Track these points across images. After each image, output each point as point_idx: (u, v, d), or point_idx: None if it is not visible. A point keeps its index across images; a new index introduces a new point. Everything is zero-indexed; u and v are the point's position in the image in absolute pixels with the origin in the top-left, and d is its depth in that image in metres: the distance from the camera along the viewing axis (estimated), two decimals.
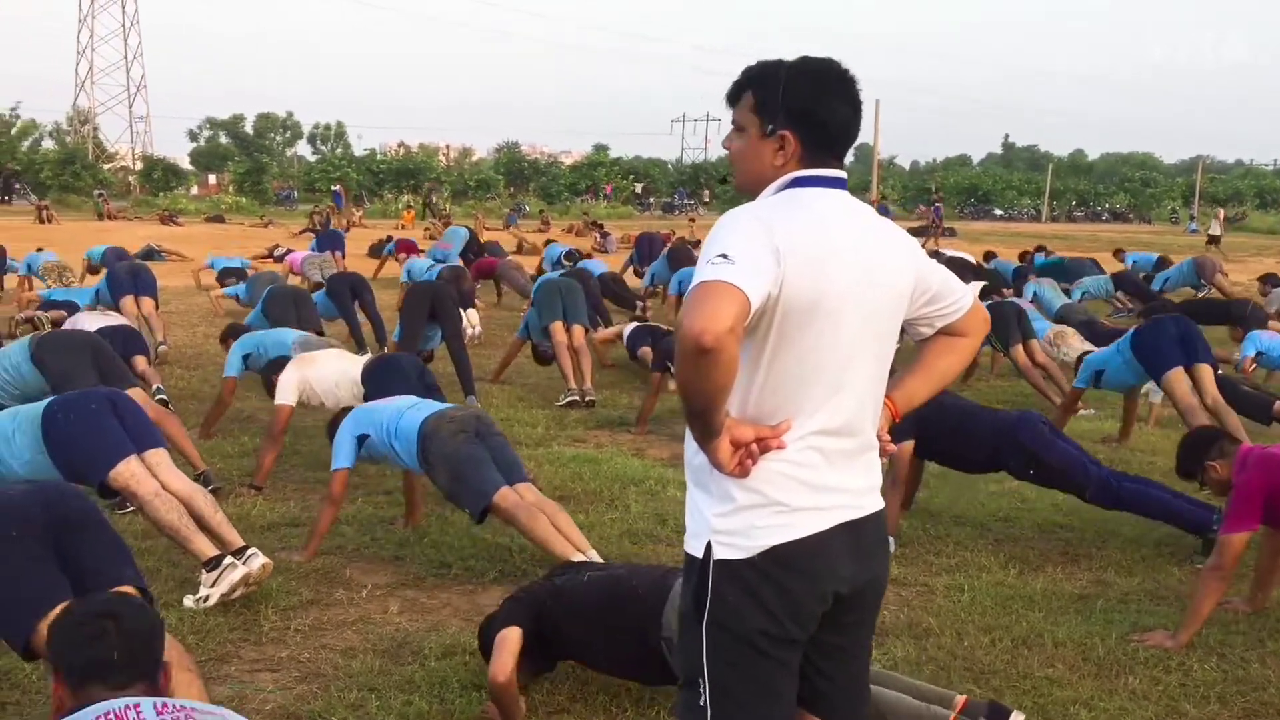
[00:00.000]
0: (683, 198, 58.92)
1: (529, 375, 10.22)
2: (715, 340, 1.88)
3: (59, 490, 3.51)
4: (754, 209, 2.14)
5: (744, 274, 1.96)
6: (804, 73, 2.20)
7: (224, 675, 4.00)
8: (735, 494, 2.13)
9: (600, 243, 27.52)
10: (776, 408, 2.13)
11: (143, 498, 4.55)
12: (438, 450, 4.95)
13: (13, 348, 6.45)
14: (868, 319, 2.18)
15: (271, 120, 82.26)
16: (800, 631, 2.18)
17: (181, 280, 17.11)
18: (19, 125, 57.17)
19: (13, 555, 3.17)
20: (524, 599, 3.81)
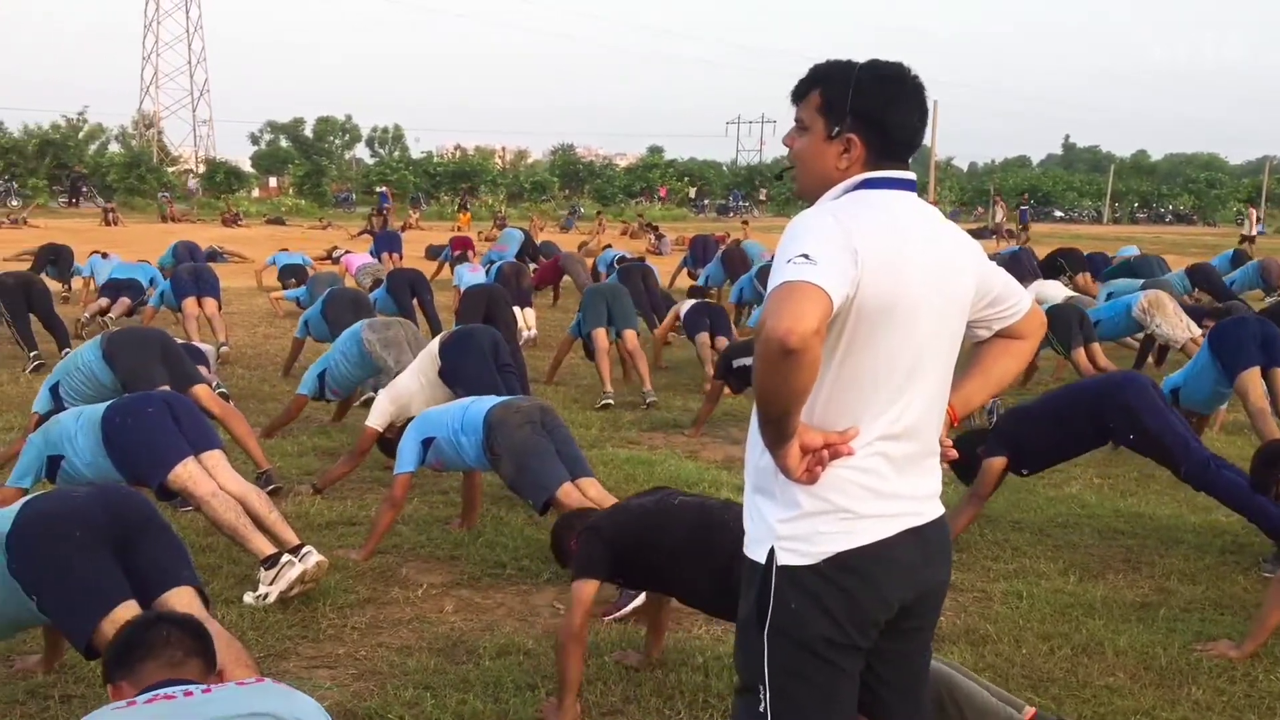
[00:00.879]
0: (737, 200, 58.81)
1: (583, 376, 10.26)
2: (801, 341, 1.86)
3: (120, 493, 3.58)
4: (829, 210, 2.12)
5: (826, 274, 1.94)
6: (874, 76, 2.18)
7: (282, 671, 4.05)
8: (801, 500, 2.12)
9: (655, 245, 27.55)
10: (844, 412, 2.12)
11: (200, 498, 4.63)
12: (503, 440, 4.98)
13: (84, 348, 6.59)
14: (938, 322, 2.16)
15: (331, 123, 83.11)
16: (863, 638, 2.17)
17: (243, 281, 17.38)
18: (87, 129, 58.27)
19: (76, 556, 3.23)
20: (605, 531, 3.74)
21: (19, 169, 48.21)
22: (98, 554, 3.26)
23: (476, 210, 44.11)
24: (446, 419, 5.25)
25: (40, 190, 45.68)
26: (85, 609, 3.17)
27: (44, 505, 3.39)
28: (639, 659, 4.08)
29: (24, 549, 3.25)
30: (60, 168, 48.49)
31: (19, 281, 10.47)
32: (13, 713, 3.66)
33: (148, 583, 3.30)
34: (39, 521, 3.30)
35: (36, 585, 3.24)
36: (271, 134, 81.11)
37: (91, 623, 3.14)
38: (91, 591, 3.20)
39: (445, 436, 5.21)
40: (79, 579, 3.22)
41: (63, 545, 3.24)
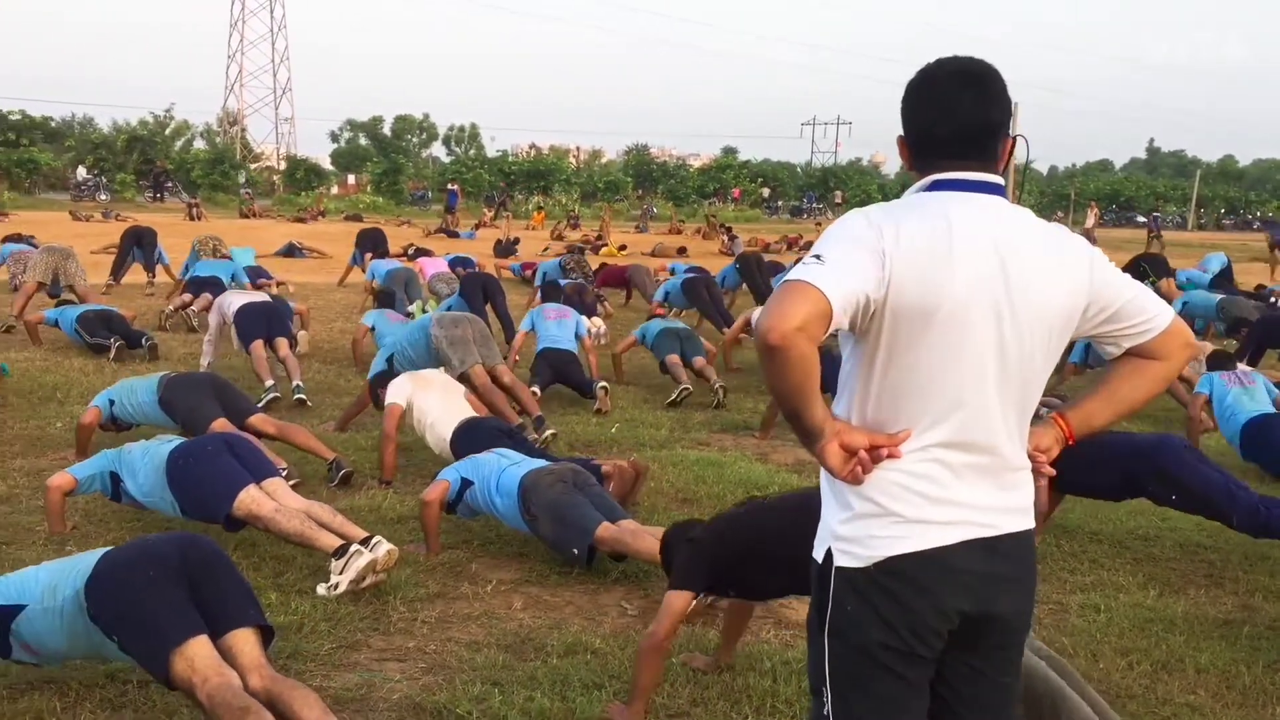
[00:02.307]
0: (811, 201, 58.38)
1: (653, 377, 10.25)
2: (781, 338, 1.89)
3: (192, 538, 3.74)
4: (868, 210, 2.11)
5: (829, 275, 1.94)
6: (920, 77, 2.19)
7: (353, 663, 4.10)
8: (852, 502, 2.11)
9: (727, 245, 27.47)
10: (894, 416, 2.09)
11: (265, 516, 4.80)
12: (539, 500, 5.06)
13: (141, 388, 6.72)
14: (1003, 331, 2.07)
15: (409, 122, 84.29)
16: (923, 647, 2.11)
17: (322, 277, 17.64)
18: (173, 126, 59.67)
19: (149, 594, 3.39)
20: (704, 543, 3.75)
21: (108, 164, 49.47)
22: (170, 591, 3.41)
23: (550, 209, 44.31)
24: (485, 473, 5.35)
25: (128, 185, 46.87)
26: (160, 644, 3.31)
27: (120, 554, 3.58)
28: (707, 663, 4.06)
29: (101, 594, 3.43)
30: (147, 163, 49.68)
31: (100, 315, 10.65)
32: (92, 696, 3.75)
33: (216, 621, 3.43)
34: (114, 568, 3.49)
35: (115, 627, 3.41)
36: (351, 132, 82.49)
37: (167, 657, 3.28)
38: (164, 627, 3.34)
39: (481, 489, 5.31)
40: (152, 616, 3.36)
41: (137, 586, 3.40)
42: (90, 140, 54.15)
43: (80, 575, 3.49)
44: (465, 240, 28.46)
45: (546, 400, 8.80)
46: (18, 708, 3.62)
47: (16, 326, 11.63)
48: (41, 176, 46.71)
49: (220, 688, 3.20)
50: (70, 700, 3.70)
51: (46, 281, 12.16)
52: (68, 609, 3.47)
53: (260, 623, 3.56)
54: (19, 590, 3.59)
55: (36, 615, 3.52)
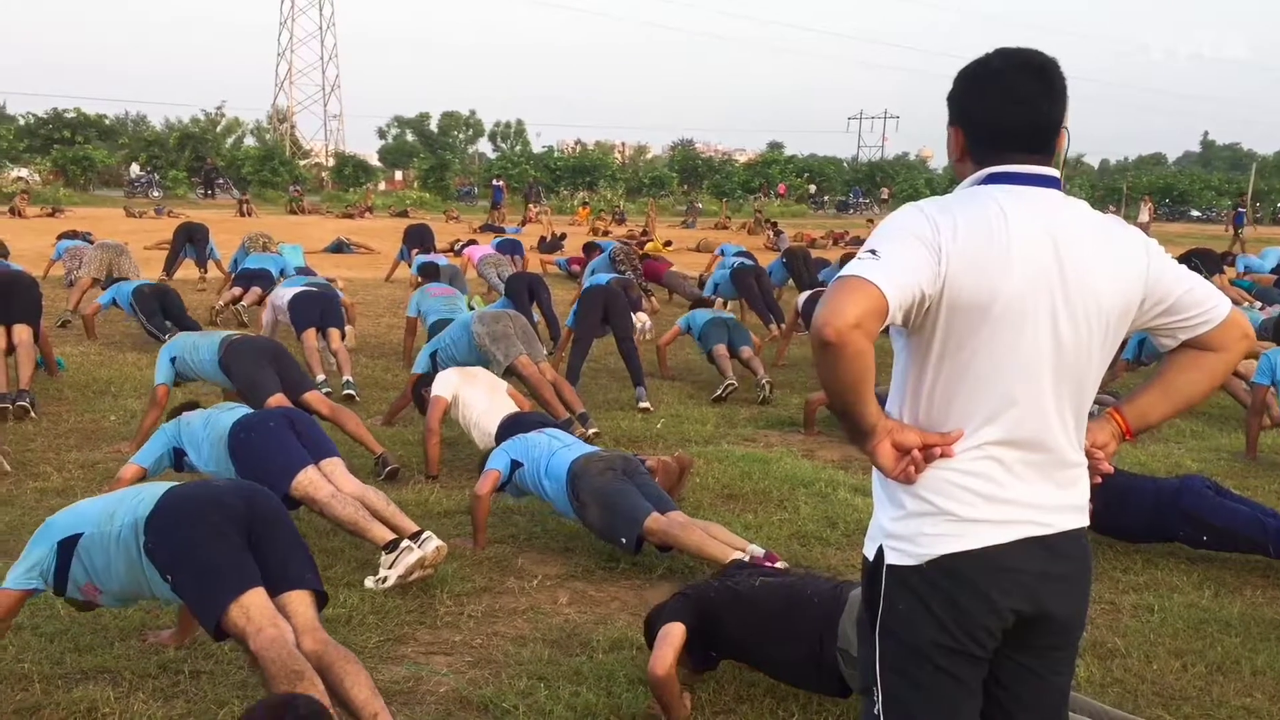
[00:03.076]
0: (858, 196, 58.01)
1: (699, 372, 10.24)
2: (836, 334, 1.87)
3: (257, 489, 3.70)
4: (923, 204, 2.07)
5: (884, 271, 1.92)
6: (976, 68, 2.15)
7: (400, 656, 4.13)
8: (904, 500, 2.08)
9: (773, 241, 27.36)
10: (948, 414, 2.06)
11: (321, 501, 4.81)
12: (587, 486, 5.05)
13: (204, 346, 6.84)
14: (1059, 325, 2.04)
15: (455, 118, 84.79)
16: (976, 646, 2.08)
17: (369, 272, 17.79)
18: (224, 123, 60.46)
19: (211, 539, 3.35)
20: (692, 596, 3.80)
21: (160, 161, 50.21)
22: (232, 540, 3.37)
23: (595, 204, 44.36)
24: (535, 455, 5.35)
25: (179, 182, 47.54)
26: (217, 591, 3.27)
27: (185, 491, 3.52)
28: None
29: (163, 530, 3.37)
30: (198, 160, 50.37)
31: (155, 291, 10.84)
32: (145, 686, 3.80)
33: (272, 579, 3.39)
34: (179, 505, 3.43)
35: (172, 565, 3.36)
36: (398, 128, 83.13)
37: (222, 605, 3.23)
38: (223, 575, 3.30)
39: (530, 470, 5.32)
40: (212, 562, 3.32)
41: (199, 528, 3.36)
42: (144, 138, 54.97)
43: (143, 505, 3.45)
44: (511, 235, 28.56)
45: (590, 397, 8.82)
46: (72, 697, 3.67)
47: (72, 321, 11.84)
48: (96, 173, 47.48)
49: (274, 641, 3.17)
50: (124, 690, 3.75)
51: (101, 277, 12.36)
52: (125, 537, 3.42)
53: (316, 587, 3.54)
54: (75, 519, 3.56)
55: (93, 543, 3.47)
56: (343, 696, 3.21)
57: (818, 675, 3.52)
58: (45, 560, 3.52)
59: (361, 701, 3.21)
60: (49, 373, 8.86)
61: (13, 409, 7.52)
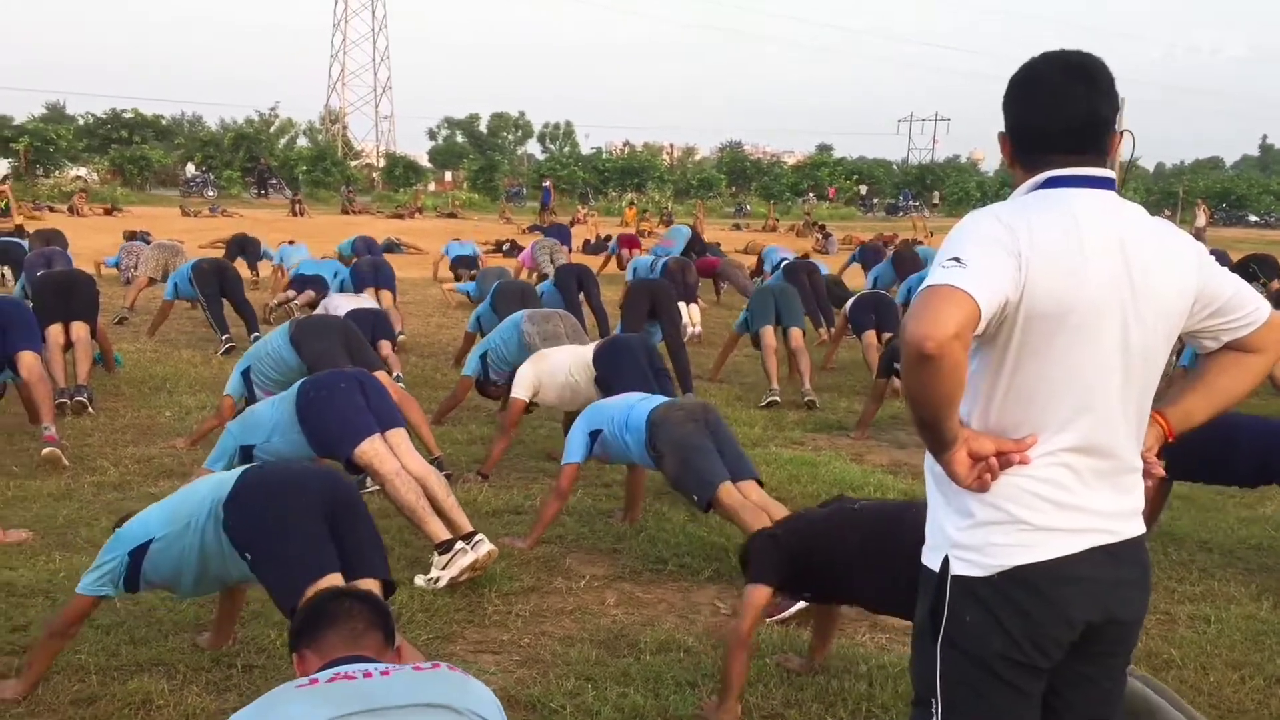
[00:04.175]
0: (908, 199, 57.60)
1: (747, 374, 10.21)
2: (937, 347, 1.82)
3: (335, 476, 3.74)
4: (996, 209, 2.04)
5: (974, 279, 1.88)
6: (1024, 71, 2.13)
7: (449, 654, 4.15)
8: (974, 509, 2.05)
9: (821, 244, 27.25)
10: (1020, 421, 2.03)
11: (384, 476, 4.79)
12: (666, 436, 4.99)
13: (273, 334, 6.93)
14: (1129, 330, 2.03)
15: (505, 120, 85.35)
16: (1043, 659, 2.06)
17: (419, 272, 17.94)
18: (278, 124, 61.30)
19: (292, 521, 3.39)
20: (782, 539, 3.72)
21: (215, 161, 50.93)
22: (312, 523, 3.41)
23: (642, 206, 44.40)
24: (613, 414, 5.30)
25: (234, 181, 48.22)
26: (297, 573, 3.31)
27: (265, 470, 3.59)
28: (801, 664, 4.03)
29: (244, 509, 3.42)
30: (252, 160, 51.05)
31: (214, 267, 11.06)
32: (199, 679, 3.85)
33: (348, 566, 3.42)
34: (261, 484, 3.49)
35: (251, 545, 3.40)
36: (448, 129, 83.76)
37: (301, 588, 3.26)
38: (303, 557, 3.34)
39: (611, 431, 5.26)
40: (293, 544, 3.37)
41: (281, 509, 3.41)
42: (199, 138, 55.78)
43: (223, 486, 3.48)
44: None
45: None
46: (128, 689, 3.73)
47: (129, 318, 12.04)
48: (153, 173, 48.27)
49: None
50: (178, 683, 3.80)
51: (157, 277, 12.59)
52: (201, 522, 3.45)
53: (386, 577, 3.57)
54: (144, 528, 3.60)
55: (164, 545, 3.51)
56: None
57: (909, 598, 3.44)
58: (116, 570, 3.59)
59: None
60: (106, 369, 9.02)
61: (71, 404, 7.66)
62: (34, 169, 43.50)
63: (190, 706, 3.63)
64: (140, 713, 3.60)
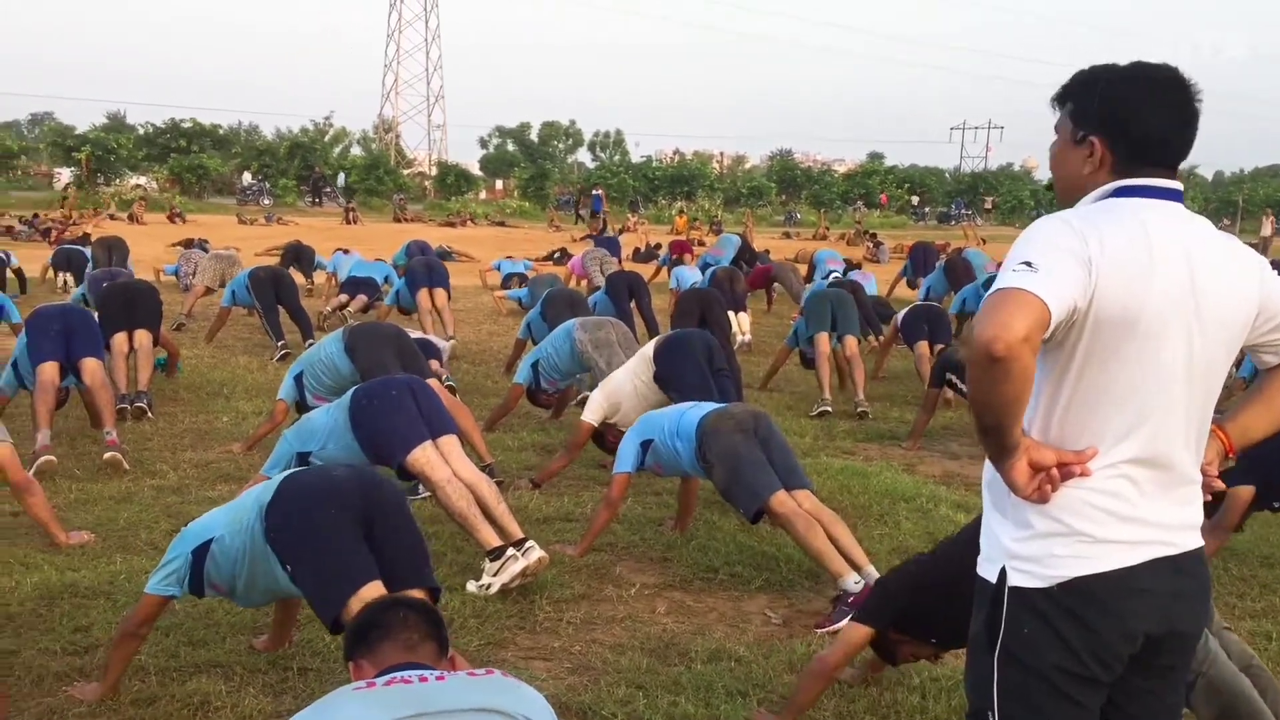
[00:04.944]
0: (960, 208, 57.13)
1: (798, 383, 10.17)
2: (1007, 349, 1.81)
3: (375, 478, 3.72)
4: (1067, 216, 2.03)
5: (1045, 283, 1.87)
6: (1125, 79, 2.09)
7: (500, 660, 4.17)
8: (1033, 520, 2.03)
9: (872, 252, 27.09)
10: (1082, 430, 2.02)
11: (436, 482, 4.83)
12: (716, 446, 4.97)
13: (327, 340, 7.03)
14: (1192, 341, 2.02)
15: (555, 128, 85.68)
16: (1104, 672, 2.04)
17: (470, 280, 18.07)
18: (332, 133, 62.01)
19: (331, 533, 3.39)
20: (891, 585, 3.67)
21: (271, 170, 51.66)
22: (350, 533, 3.41)
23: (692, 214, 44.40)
24: (664, 422, 5.30)
25: (289, 190, 48.86)
26: (336, 585, 3.32)
27: (304, 479, 3.58)
28: (854, 675, 4.00)
29: (283, 520, 3.44)
30: (307, 169, 51.69)
31: (270, 275, 11.24)
32: (255, 680, 3.90)
33: (388, 574, 3.42)
34: (298, 494, 3.49)
35: (291, 557, 3.42)
36: (499, 138, 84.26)
37: (342, 599, 3.28)
38: (342, 569, 3.35)
39: (662, 440, 5.26)
40: (332, 556, 3.37)
41: (318, 521, 3.41)
42: (255, 147, 56.61)
43: (266, 493, 3.51)
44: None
45: None
46: (186, 689, 3.79)
47: (187, 325, 12.25)
48: (210, 181, 49.05)
49: None
50: (235, 684, 3.86)
51: (214, 286, 12.81)
52: (251, 527, 3.48)
53: (432, 584, 3.56)
54: (206, 527, 3.66)
55: (223, 546, 3.54)
56: None
57: None
58: (181, 569, 3.64)
59: None
60: (167, 374, 9.19)
61: (131, 409, 7.81)
62: (95, 177, 44.38)
63: (247, 708, 3.68)
64: (198, 714, 3.66)
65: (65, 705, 3.67)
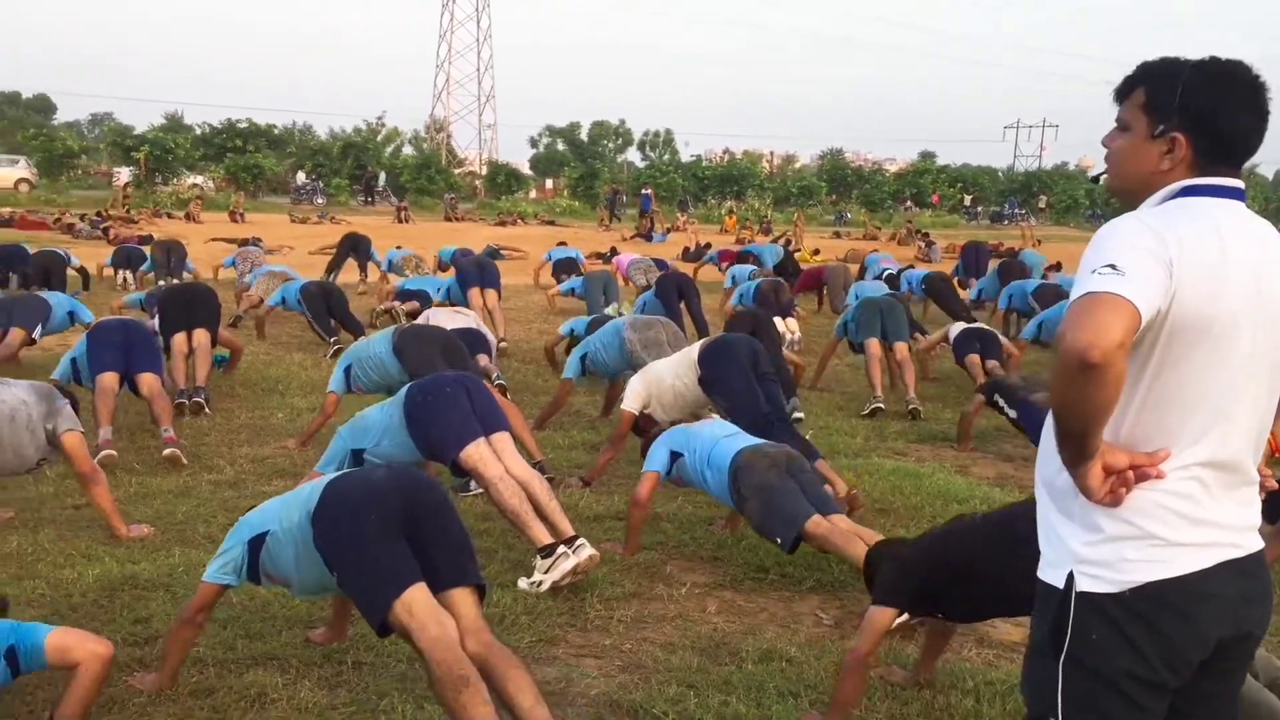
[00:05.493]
0: (1013, 207, 56.49)
1: (849, 383, 10.12)
2: (1103, 355, 1.78)
3: (415, 479, 3.73)
4: (1142, 217, 1.99)
5: (1134, 286, 1.84)
6: (1208, 73, 2.04)
7: (552, 657, 4.19)
8: (1103, 524, 2.00)
9: (924, 252, 26.87)
10: (1154, 433, 1.99)
11: (489, 479, 4.86)
12: (750, 481, 5.00)
13: (377, 338, 7.10)
14: (1257, 342, 1.99)
15: (605, 128, 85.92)
16: (1173, 677, 2.02)
17: (521, 278, 18.14)
18: (384, 133, 62.60)
19: (372, 538, 3.39)
20: (909, 561, 3.69)
21: (325, 169, 52.21)
22: (393, 537, 3.41)
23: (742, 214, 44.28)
24: (697, 445, 5.31)
25: (342, 189, 49.36)
26: (381, 590, 3.33)
27: (344, 484, 3.59)
28: (906, 677, 3.97)
29: (326, 526, 3.46)
30: (360, 168, 52.17)
31: (321, 290, 11.39)
32: (310, 674, 3.95)
33: (434, 575, 3.42)
34: (339, 500, 3.50)
35: (336, 562, 3.44)
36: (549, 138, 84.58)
37: (386, 603, 3.30)
38: (386, 574, 3.35)
39: (692, 462, 5.29)
40: (375, 561, 3.38)
41: (360, 525, 3.41)
42: (309, 146, 57.22)
43: (313, 496, 3.54)
44: (658, 243, 28.87)
45: None
46: (244, 681, 3.84)
47: (243, 319, 12.44)
48: (265, 181, 49.66)
49: (439, 641, 3.20)
50: (291, 677, 3.91)
51: (267, 298, 12.97)
52: (301, 530, 3.51)
53: (478, 581, 3.57)
54: (263, 518, 3.70)
55: (277, 540, 3.59)
56: (507, 701, 3.24)
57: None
58: (238, 558, 3.70)
59: (527, 708, 3.24)
60: (225, 370, 9.33)
61: (189, 404, 7.94)
62: (153, 177, 45.12)
63: (303, 700, 3.73)
64: (255, 706, 3.71)
65: (125, 695, 3.73)
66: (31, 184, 41.72)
